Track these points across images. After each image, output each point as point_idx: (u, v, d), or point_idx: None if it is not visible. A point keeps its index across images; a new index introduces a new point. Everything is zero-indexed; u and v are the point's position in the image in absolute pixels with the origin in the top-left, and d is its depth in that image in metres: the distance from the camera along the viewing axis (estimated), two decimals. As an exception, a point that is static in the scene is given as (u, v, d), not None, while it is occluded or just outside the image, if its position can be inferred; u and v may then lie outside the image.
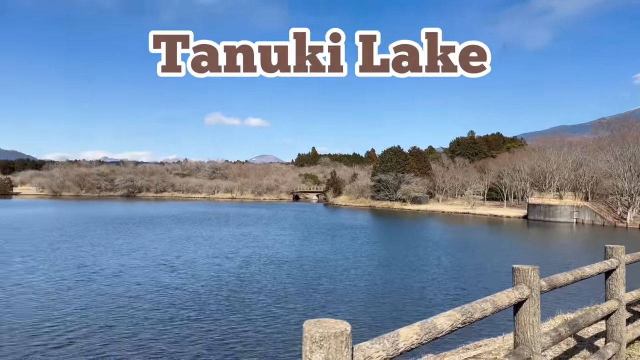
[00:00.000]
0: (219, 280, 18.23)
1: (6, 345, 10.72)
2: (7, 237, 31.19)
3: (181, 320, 12.88)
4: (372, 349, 1.63)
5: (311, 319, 1.39)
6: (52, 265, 20.99)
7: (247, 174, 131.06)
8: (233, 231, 37.51)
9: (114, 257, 23.67)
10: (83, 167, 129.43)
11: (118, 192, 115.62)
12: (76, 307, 14.06)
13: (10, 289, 16.14)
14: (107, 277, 18.45)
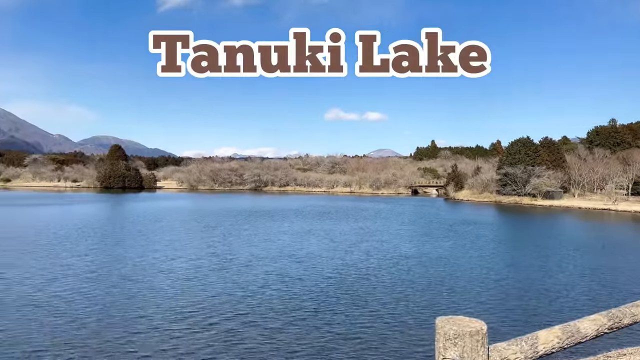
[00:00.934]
0: (341, 274, 18.57)
1: (152, 326, 11.97)
2: (153, 227, 34.86)
3: (306, 311, 13.34)
4: (509, 350, 1.56)
5: (442, 316, 1.34)
6: (190, 253, 23.06)
7: (365, 168, 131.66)
8: (352, 225, 37.98)
9: (243, 247, 25.32)
10: (216, 163, 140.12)
11: (246, 186, 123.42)
12: (212, 293, 15.26)
13: (154, 275, 18.03)
14: (238, 266, 19.79)
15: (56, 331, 11.25)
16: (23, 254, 21.63)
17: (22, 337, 10.83)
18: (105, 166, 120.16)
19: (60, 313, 12.68)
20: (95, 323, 11.91)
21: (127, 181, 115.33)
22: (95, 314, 12.69)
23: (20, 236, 27.81)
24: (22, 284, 15.82)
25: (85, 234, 29.69)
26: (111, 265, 19.43)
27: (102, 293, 14.88)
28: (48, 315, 12.50)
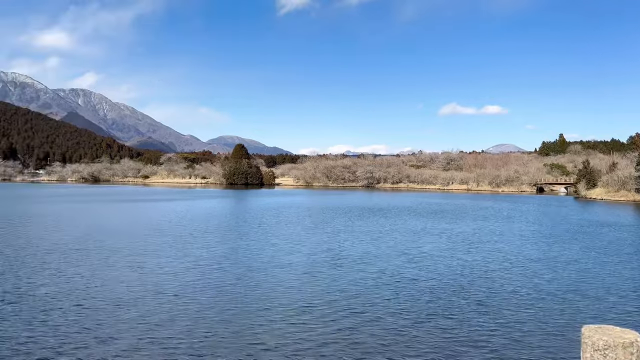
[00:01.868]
0: (459, 275, 17.80)
1: (271, 319, 12.43)
2: (271, 222, 36.48)
3: (423, 313, 12.95)
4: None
5: (587, 324, 1.25)
6: (306, 248, 23.72)
7: (484, 165, 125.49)
8: (470, 224, 36.33)
9: (356, 244, 25.44)
10: (330, 160, 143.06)
11: (359, 183, 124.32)
12: (327, 289, 15.49)
13: (273, 268, 18.77)
14: (351, 263, 19.91)
15: (186, 319, 12.17)
16: (161, 246, 23.87)
17: (159, 323, 11.89)
18: (229, 164, 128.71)
19: (193, 302, 13.72)
20: (222, 312, 12.70)
21: (249, 178, 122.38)
22: (222, 303, 13.53)
23: (157, 228, 30.75)
24: (159, 273, 17.42)
25: (212, 227, 32.01)
26: (235, 258, 20.64)
27: (227, 284, 15.83)
28: (182, 304, 13.60)
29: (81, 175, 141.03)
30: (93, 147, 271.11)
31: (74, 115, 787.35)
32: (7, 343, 10.20)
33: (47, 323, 11.49)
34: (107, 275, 16.75)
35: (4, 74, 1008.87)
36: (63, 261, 19.01)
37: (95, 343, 10.32)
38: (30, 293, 14.14)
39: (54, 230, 28.70)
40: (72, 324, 11.51)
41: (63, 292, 14.28)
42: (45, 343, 10.26)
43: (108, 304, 13.17)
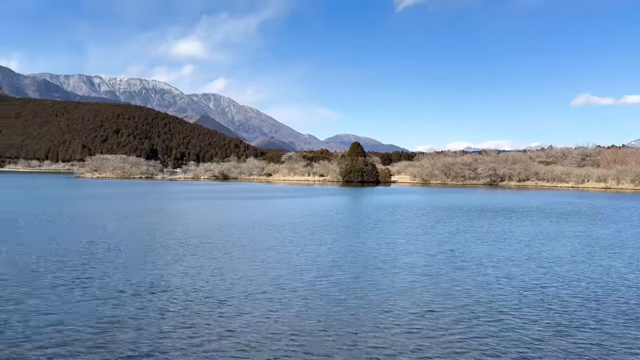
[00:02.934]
0: (597, 284, 16.10)
1: (395, 322, 12.27)
2: (388, 220, 36.20)
3: (560, 324, 11.91)
4: None
5: None
6: (422, 248, 23.15)
7: (625, 160, 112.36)
8: (610, 228, 32.71)
9: (477, 245, 24.22)
10: (448, 157, 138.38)
11: (481, 181, 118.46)
12: (448, 292, 14.94)
13: (391, 268, 18.56)
14: (473, 265, 19.00)
15: (303, 318, 12.51)
16: (282, 242, 24.93)
17: (279, 319, 12.38)
18: (346, 162, 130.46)
19: (311, 299, 14.08)
20: (338, 313, 12.85)
21: (365, 175, 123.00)
22: (339, 304, 13.70)
23: (279, 225, 32.15)
24: (280, 269, 18.17)
25: (330, 224, 32.66)
26: (352, 256, 20.83)
27: (345, 283, 16.00)
28: (302, 301, 14.02)
29: (212, 174, 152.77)
30: (222, 147, 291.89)
31: (205, 118, 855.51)
32: (145, 332, 11.33)
33: (182, 313, 12.58)
34: (232, 268, 17.89)
35: (146, 81, 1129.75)
36: (192, 254, 20.70)
37: (224, 336, 11.05)
38: (165, 285, 15.60)
39: (187, 225, 31.41)
40: (198, 316, 12.47)
41: (193, 285, 15.53)
42: (181, 334, 11.22)
43: (233, 297, 14.05)
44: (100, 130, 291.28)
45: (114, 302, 13.19)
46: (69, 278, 15.79)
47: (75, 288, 14.58)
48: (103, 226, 29.62)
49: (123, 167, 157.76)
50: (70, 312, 12.31)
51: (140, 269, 17.32)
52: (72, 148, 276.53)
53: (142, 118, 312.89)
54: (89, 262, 18.33)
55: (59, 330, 10.95)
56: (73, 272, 16.60)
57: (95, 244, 22.55)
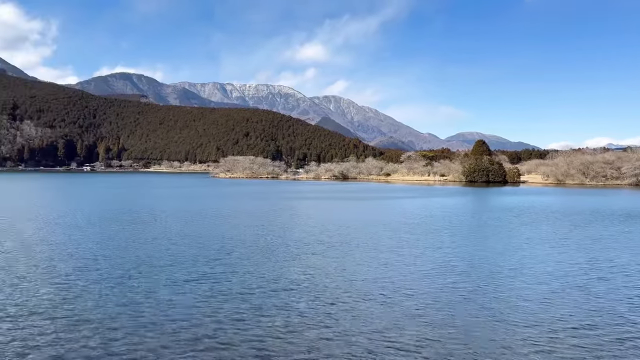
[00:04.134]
0: None
1: (514, 335, 11.34)
2: (515, 223, 33.75)
3: None
4: None
5: None
6: (557, 256, 21.10)
7: None
8: None
9: (625, 255, 21.47)
10: (587, 155, 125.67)
11: (625, 181, 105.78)
12: (584, 307, 13.45)
13: (517, 277, 17.19)
14: (621, 277, 16.85)
15: (423, 324, 12.05)
16: (400, 243, 24.47)
17: (392, 323, 12.07)
18: (469, 161, 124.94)
19: (431, 304, 13.56)
20: (461, 323, 12.19)
21: (491, 175, 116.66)
22: (461, 312, 13.01)
23: (397, 226, 31.65)
24: (401, 272, 17.81)
25: (450, 226, 31.35)
26: (475, 261, 19.71)
27: (467, 290, 15.17)
28: (420, 305, 13.57)
29: (332, 174, 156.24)
30: (342, 148, 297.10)
31: (326, 120, 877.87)
32: (264, 330, 11.72)
33: (305, 314, 12.86)
34: (352, 269, 17.91)
35: (272, 87, 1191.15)
36: (313, 253, 21.13)
37: (339, 337, 11.05)
38: (287, 283, 16.09)
39: (309, 224, 32.30)
40: (319, 315, 12.62)
41: (314, 284, 15.82)
42: (299, 333, 11.45)
43: (354, 299, 14.02)
44: (232, 134, 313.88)
45: (242, 298, 13.93)
46: (198, 272, 17.05)
47: (205, 283, 15.69)
48: (235, 224, 31.67)
49: (252, 167, 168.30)
50: (198, 307, 13.25)
51: (264, 266, 18.12)
52: (207, 150, 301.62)
53: (268, 121, 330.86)
54: (218, 259, 19.65)
55: (180, 328, 11.83)
56: (203, 267, 17.90)
57: (228, 240, 24.14)
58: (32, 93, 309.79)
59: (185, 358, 9.68)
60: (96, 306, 12.83)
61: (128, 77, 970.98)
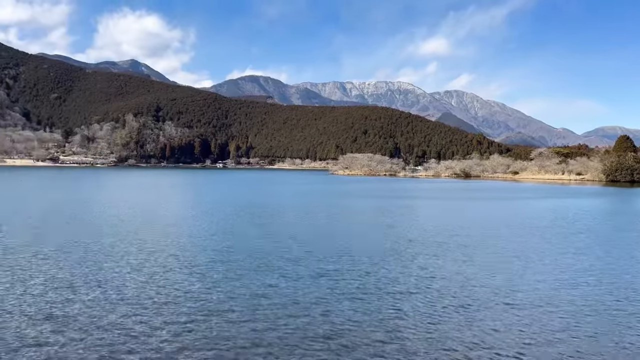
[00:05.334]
0: None
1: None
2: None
3: None
4: None
5: None
6: None
7: None
8: None
9: None
10: None
11: None
12: None
13: None
14: None
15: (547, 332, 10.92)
16: (530, 251, 22.63)
17: (524, 333, 11.08)
18: (611, 158, 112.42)
19: (574, 315, 12.28)
20: (583, 332, 10.84)
21: (636, 174, 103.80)
22: (598, 329, 11.57)
23: (528, 229, 29.34)
24: (524, 280, 16.41)
25: (588, 230, 28.26)
26: (616, 272, 17.48)
27: (606, 305, 13.49)
28: (557, 319, 12.35)
29: (453, 171, 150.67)
30: (464, 145, 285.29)
31: (447, 116, 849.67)
32: (383, 333, 11.43)
33: (424, 320, 12.38)
34: (475, 275, 16.90)
35: (391, 83, 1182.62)
36: (434, 255, 20.34)
37: (471, 346, 10.42)
38: (397, 286, 15.63)
39: (430, 224, 31.31)
40: (441, 321, 12.02)
41: (435, 288, 15.17)
42: (421, 337, 11.01)
43: (476, 307, 13.19)
44: (350, 131, 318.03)
45: (360, 299, 13.84)
46: (318, 269, 17.30)
47: (324, 280, 15.87)
48: (354, 222, 31.88)
49: (370, 164, 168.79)
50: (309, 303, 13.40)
51: (382, 267, 17.87)
52: (327, 148, 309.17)
53: (387, 118, 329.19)
54: (336, 256, 19.82)
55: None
56: (322, 264, 18.15)
57: (346, 238, 24.34)
58: (173, 96, 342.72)
59: (299, 357, 9.80)
60: (224, 298, 13.60)
61: (256, 79, 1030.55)
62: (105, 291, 13.88)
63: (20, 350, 9.70)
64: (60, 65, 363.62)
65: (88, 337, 10.44)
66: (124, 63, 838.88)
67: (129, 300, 13.12)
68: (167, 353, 9.79)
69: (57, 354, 9.60)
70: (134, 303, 12.84)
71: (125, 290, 14.06)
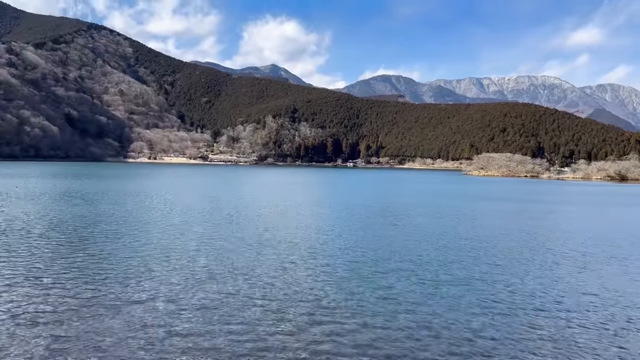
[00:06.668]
0: None
1: None
2: None
3: None
4: None
5: None
6: None
7: None
8: None
9: None
10: None
11: None
12: None
13: None
14: None
15: None
16: None
17: None
18: None
19: None
20: None
21: None
22: None
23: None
24: None
25: None
26: None
27: None
28: None
29: (606, 173, 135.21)
30: (620, 144, 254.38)
31: (600, 112, 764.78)
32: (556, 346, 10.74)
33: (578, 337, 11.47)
34: (631, 293, 15.11)
35: (534, 78, 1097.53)
36: (582, 268, 18.58)
37: None
38: (543, 300, 14.51)
39: (577, 233, 28.63)
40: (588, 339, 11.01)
41: (579, 309, 13.91)
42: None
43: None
44: (487, 130, 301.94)
45: (509, 313, 13.26)
46: (460, 276, 16.85)
47: (466, 289, 15.42)
48: (492, 226, 30.43)
49: (508, 165, 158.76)
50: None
51: (527, 279, 16.85)
52: (460, 147, 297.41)
53: (529, 115, 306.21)
54: (475, 264, 19.13)
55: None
56: (460, 271, 17.64)
57: (485, 244, 23.37)
58: (308, 98, 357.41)
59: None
60: (351, 299, 13.96)
61: (388, 79, 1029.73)
62: (240, 287, 15.07)
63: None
64: (210, 72, 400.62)
65: (221, 325, 11.47)
66: (265, 68, 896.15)
67: (264, 294, 14.08)
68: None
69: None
70: (270, 298, 13.77)
71: (259, 283, 15.12)
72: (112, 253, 18.42)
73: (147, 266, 16.51)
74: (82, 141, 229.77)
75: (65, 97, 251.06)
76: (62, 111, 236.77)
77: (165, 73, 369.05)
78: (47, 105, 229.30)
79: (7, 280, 14.30)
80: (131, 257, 17.73)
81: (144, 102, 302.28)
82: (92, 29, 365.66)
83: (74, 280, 14.55)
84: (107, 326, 10.97)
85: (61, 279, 14.58)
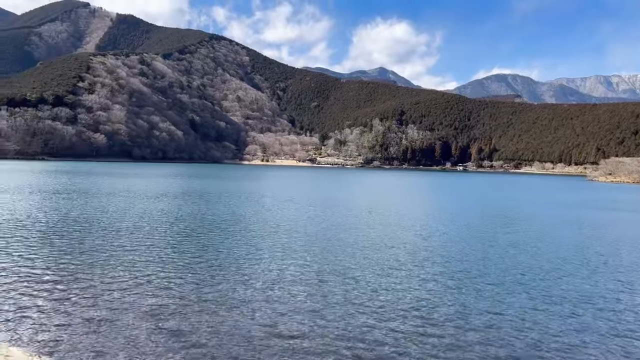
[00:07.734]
0: None
1: None
2: None
3: None
4: None
5: None
6: None
7: None
8: None
9: None
10: None
11: None
12: None
13: None
14: None
15: None
16: None
17: None
18: None
19: None
20: None
21: None
22: None
23: None
24: None
25: None
26: None
27: None
28: None
29: None
30: None
31: None
32: None
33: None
34: None
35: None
36: None
37: None
38: None
39: None
40: None
41: None
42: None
43: None
44: (616, 132, 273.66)
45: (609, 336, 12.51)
46: (556, 291, 16.03)
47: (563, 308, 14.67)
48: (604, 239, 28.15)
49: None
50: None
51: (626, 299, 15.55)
52: (585, 151, 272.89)
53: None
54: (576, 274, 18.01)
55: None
56: (562, 286, 16.75)
57: (589, 258, 21.83)
58: (416, 100, 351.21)
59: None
60: (451, 311, 13.96)
61: (503, 78, 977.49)
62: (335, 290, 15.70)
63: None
64: (319, 77, 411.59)
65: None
66: (373, 71, 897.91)
67: (373, 299, 14.59)
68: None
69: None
70: (378, 303, 14.26)
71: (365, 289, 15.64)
72: (227, 252, 20.20)
73: (262, 265, 17.91)
74: (203, 144, 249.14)
75: (189, 103, 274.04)
76: (186, 117, 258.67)
77: (278, 79, 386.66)
78: (173, 112, 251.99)
79: (143, 276, 16.46)
80: (247, 255, 19.32)
81: (259, 108, 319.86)
82: (213, 40, 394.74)
83: (197, 275, 16.31)
84: (219, 322, 12.25)
85: (188, 274, 16.44)
